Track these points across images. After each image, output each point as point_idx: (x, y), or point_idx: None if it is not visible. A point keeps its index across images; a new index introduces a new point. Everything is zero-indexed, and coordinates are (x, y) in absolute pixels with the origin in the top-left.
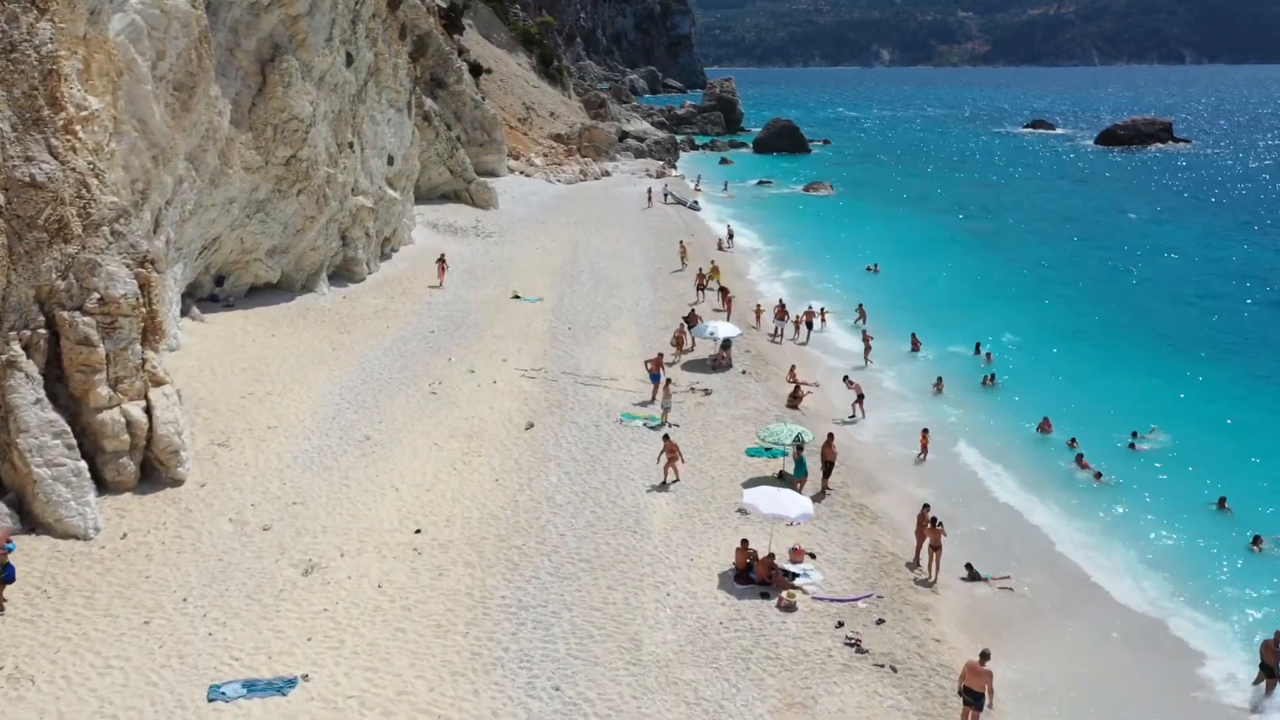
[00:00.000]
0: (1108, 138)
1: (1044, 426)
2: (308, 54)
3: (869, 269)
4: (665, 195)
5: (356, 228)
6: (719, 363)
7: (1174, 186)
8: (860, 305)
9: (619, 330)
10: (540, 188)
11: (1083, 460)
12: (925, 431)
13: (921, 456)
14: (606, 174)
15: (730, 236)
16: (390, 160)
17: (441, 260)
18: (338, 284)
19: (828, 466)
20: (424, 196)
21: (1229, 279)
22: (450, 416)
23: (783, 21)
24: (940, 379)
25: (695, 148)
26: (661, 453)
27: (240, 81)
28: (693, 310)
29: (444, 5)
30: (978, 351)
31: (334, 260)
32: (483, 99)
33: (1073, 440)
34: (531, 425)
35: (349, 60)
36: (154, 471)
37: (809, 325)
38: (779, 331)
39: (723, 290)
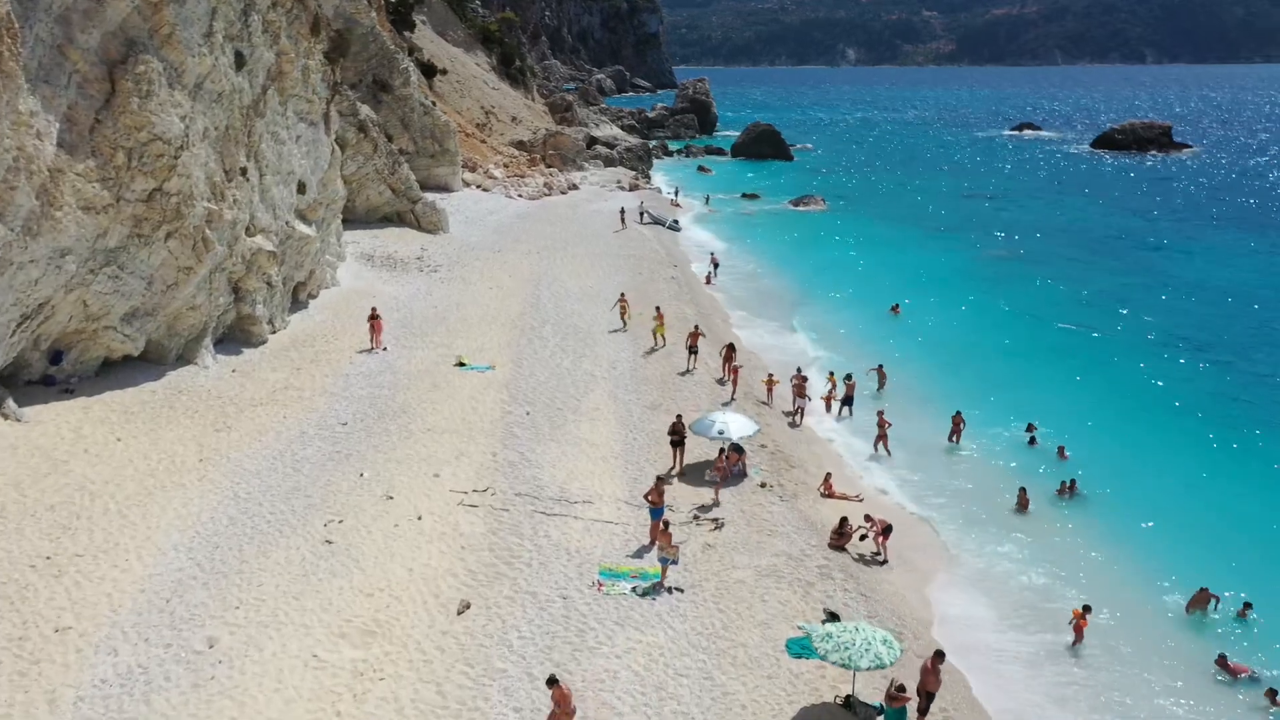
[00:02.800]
0: (1104, 142)
1: (1199, 601)
2: (176, 53)
3: (892, 310)
4: (641, 214)
5: (253, 277)
6: (729, 470)
7: (1202, 200)
8: (880, 366)
9: (592, 413)
10: (499, 205)
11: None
12: (1085, 611)
13: (1075, 643)
14: (574, 187)
15: (715, 268)
16: (302, 187)
17: (374, 317)
18: (229, 349)
19: (927, 699)
20: (361, 220)
21: None
22: (346, 591)
23: (749, 20)
24: (1024, 491)
25: (669, 153)
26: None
27: (76, 91)
28: (679, 418)
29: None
30: (1032, 441)
31: (223, 320)
32: (434, 104)
33: None
34: (467, 606)
35: (239, 62)
36: None
37: (848, 402)
38: (799, 411)
39: (727, 353)
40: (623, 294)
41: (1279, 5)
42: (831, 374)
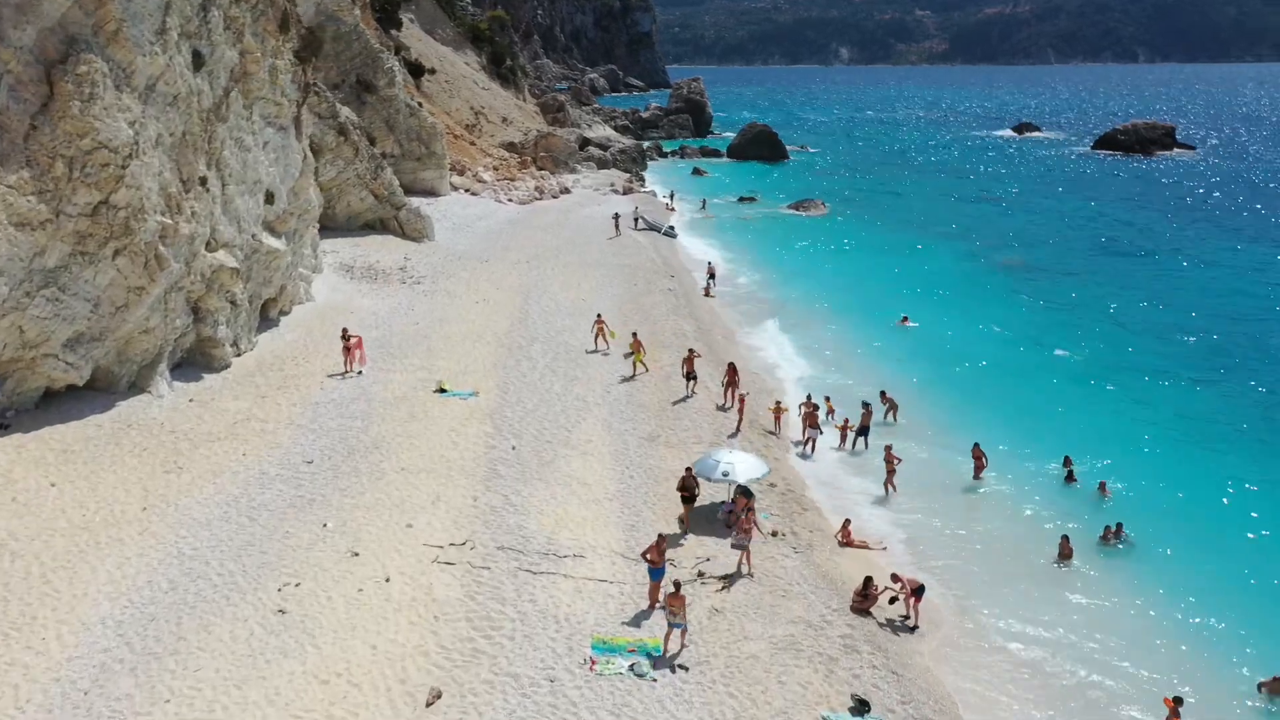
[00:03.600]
0: (1107, 143)
1: (1276, 687)
2: (124, 51)
3: (901, 321)
4: (635, 220)
5: (215, 296)
6: (736, 518)
7: (1213, 205)
8: (884, 393)
9: (584, 445)
10: (488, 210)
11: None
12: (1178, 704)
13: None
14: (566, 190)
15: (713, 278)
16: (270, 197)
17: (347, 338)
18: (189, 375)
19: None
20: (342, 228)
21: None
22: (298, 677)
23: (742, 20)
24: (1066, 539)
25: (663, 154)
26: None
27: (7, 94)
28: (689, 473)
29: None
30: (1070, 476)
31: (181, 343)
32: (420, 105)
33: None
34: (438, 696)
35: (198, 61)
36: None
37: (864, 432)
38: (810, 443)
39: (730, 375)
40: (600, 315)
41: (1270, 5)
42: (828, 398)
